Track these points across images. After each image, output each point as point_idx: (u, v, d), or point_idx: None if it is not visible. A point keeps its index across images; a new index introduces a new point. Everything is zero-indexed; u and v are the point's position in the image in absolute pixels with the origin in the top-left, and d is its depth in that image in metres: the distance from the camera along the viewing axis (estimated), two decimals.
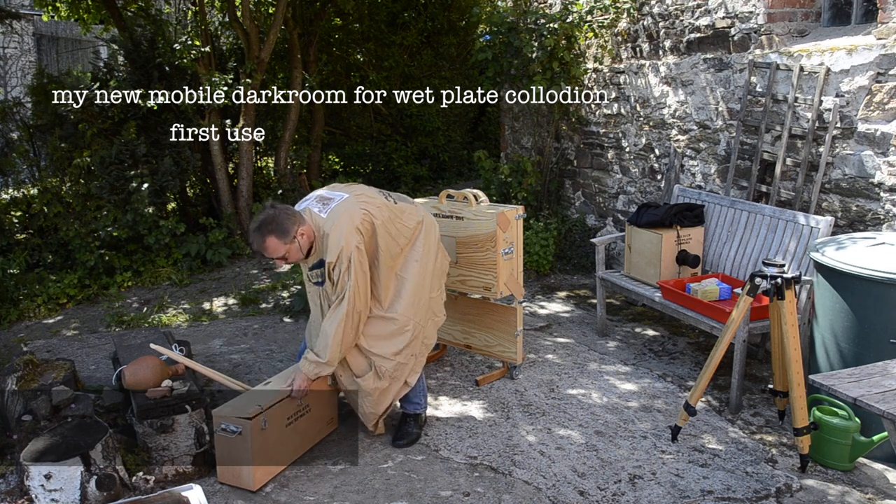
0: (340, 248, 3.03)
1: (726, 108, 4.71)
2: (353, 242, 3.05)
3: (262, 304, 5.74)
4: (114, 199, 6.50)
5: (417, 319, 3.33)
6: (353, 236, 3.06)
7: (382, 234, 3.19)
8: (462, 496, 2.99)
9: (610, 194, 6.10)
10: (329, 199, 3.21)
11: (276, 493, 3.04)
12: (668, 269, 4.33)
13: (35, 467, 2.72)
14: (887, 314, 2.99)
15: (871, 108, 3.70)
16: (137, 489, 2.99)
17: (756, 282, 3.07)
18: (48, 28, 14.61)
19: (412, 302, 3.31)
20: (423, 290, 3.36)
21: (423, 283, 3.36)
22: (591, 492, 3.00)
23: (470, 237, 3.85)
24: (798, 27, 4.38)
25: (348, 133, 10.38)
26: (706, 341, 4.58)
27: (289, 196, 7.61)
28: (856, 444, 3.06)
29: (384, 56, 9.93)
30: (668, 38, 5.16)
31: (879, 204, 3.72)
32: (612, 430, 3.50)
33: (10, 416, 3.35)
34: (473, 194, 3.91)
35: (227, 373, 4.08)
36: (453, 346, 4.31)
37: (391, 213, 3.26)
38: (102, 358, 4.63)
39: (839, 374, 2.46)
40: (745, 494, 2.95)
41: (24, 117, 7.35)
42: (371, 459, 3.28)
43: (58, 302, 5.87)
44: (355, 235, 3.07)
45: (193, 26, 7.53)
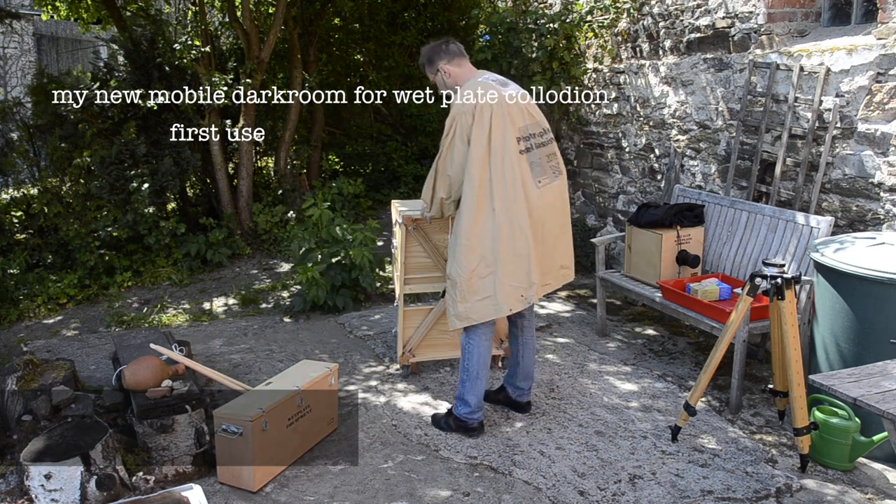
0: (453, 113, 3.19)
1: (726, 108, 4.71)
2: (464, 112, 3.16)
3: (262, 304, 5.74)
4: (114, 199, 6.50)
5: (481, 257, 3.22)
6: (467, 109, 3.16)
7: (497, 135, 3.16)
8: (462, 496, 2.99)
9: (610, 194, 6.10)
10: (506, 83, 3.31)
11: (276, 493, 3.04)
12: (668, 269, 4.33)
13: (35, 467, 2.72)
14: (887, 314, 2.99)
15: (871, 108, 3.70)
16: (137, 489, 2.99)
17: (756, 282, 3.07)
18: (48, 28, 14.60)
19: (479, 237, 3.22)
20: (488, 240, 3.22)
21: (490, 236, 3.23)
22: (591, 492, 3.00)
23: None
24: (798, 27, 4.38)
25: (348, 133, 10.38)
26: (706, 341, 4.58)
27: (289, 196, 7.61)
28: (856, 444, 3.06)
29: (384, 56, 9.93)
30: (668, 38, 5.16)
31: (879, 204, 3.72)
32: (612, 430, 3.50)
33: (10, 416, 3.35)
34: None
35: (227, 373, 4.08)
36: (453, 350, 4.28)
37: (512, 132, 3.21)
38: (102, 358, 4.63)
39: (839, 374, 2.46)
40: (745, 494, 2.95)
41: (24, 117, 7.35)
42: (371, 459, 3.28)
43: (58, 302, 5.87)
44: (468, 112, 3.15)
45: (193, 26, 7.53)
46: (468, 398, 3.40)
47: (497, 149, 3.15)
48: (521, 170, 3.18)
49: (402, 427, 3.58)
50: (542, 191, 3.25)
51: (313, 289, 5.26)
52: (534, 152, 3.25)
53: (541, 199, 3.24)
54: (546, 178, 3.28)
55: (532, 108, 3.35)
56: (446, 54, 3.38)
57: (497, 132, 3.15)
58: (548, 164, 3.31)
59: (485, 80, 3.29)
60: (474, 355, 3.36)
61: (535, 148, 3.27)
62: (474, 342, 3.35)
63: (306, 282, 5.26)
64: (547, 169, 3.30)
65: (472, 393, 3.39)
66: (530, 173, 3.22)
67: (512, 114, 3.20)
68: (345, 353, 4.59)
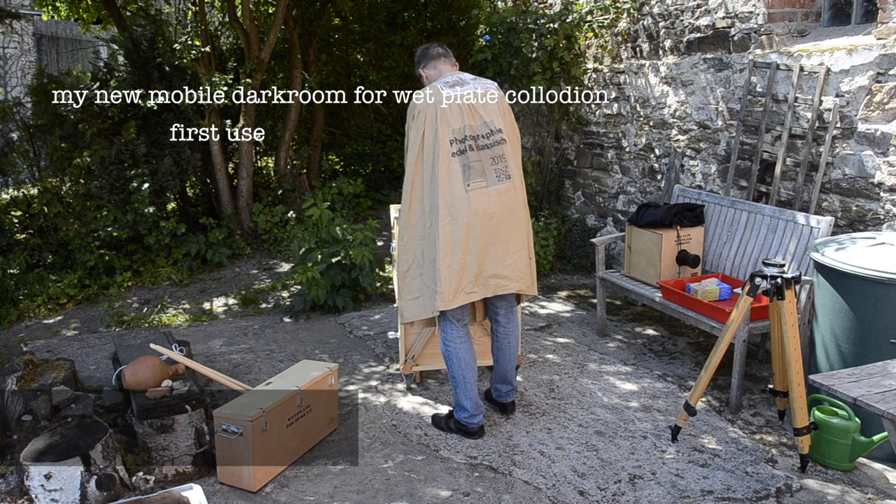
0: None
1: (726, 108, 4.71)
2: (409, 116, 3.27)
3: (262, 304, 5.74)
4: (114, 199, 6.50)
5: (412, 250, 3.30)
6: (409, 113, 3.27)
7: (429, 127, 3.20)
8: (462, 496, 2.99)
9: (610, 194, 6.10)
10: (462, 83, 3.30)
11: (276, 493, 3.04)
12: (668, 269, 4.33)
13: (35, 467, 2.72)
14: (887, 314, 2.99)
15: (871, 108, 3.70)
16: (137, 489, 2.99)
17: (756, 282, 3.07)
18: (48, 28, 14.61)
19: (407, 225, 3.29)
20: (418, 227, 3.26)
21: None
22: (591, 492, 3.00)
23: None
24: (798, 27, 4.38)
25: (348, 133, 10.38)
26: (706, 341, 4.58)
27: (289, 196, 7.61)
28: (856, 444, 3.06)
29: (384, 56, 9.92)
30: (668, 38, 5.16)
31: (879, 204, 3.72)
32: (612, 430, 3.50)
33: (10, 416, 3.35)
34: None
35: (227, 373, 4.09)
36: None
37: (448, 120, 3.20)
38: (102, 358, 4.63)
39: (839, 374, 2.46)
40: (745, 494, 2.95)
41: (24, 117, 7.35)
42: (371, 459, 3.28)
43: (58, 302, 5.87)
44: (409, 116, 3.26)
45: (193, 26, 7.53)
46: (463, 402, 3.40)
47: (427, 151, 3.15)
48: (449, 172, 3.12)
49: (402, 427, 3.58)
50: (471, 194, 3.13)
51: (313, 289, 5.26)
52: (469, 154, 3.15)
53: (469, 204, 3.12)
54: (481, 182, 3.14)
55: (485, 108, 3.23)
56: (425, 59, 3.45)
57: (429, 134, 3.15)
58: (491, 167, 3.17)
59: (441, 82, 3.27)
60: (453, 360, 3.36)
61: (476, 150, 3.17)
62: (451, 347, 3.35)
63: (306, 282, 5.26)
64: (488, 172, 3.17)
65: (465, 397, 3.38)
66: (461, 176, 3.12)
67: (447, 115, 3.16)
68: (345, 353, 4.59)
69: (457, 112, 3.18)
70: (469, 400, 3.38)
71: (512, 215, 3.23)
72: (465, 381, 3.36)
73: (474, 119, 3.21)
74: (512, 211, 3.23)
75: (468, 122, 3.19)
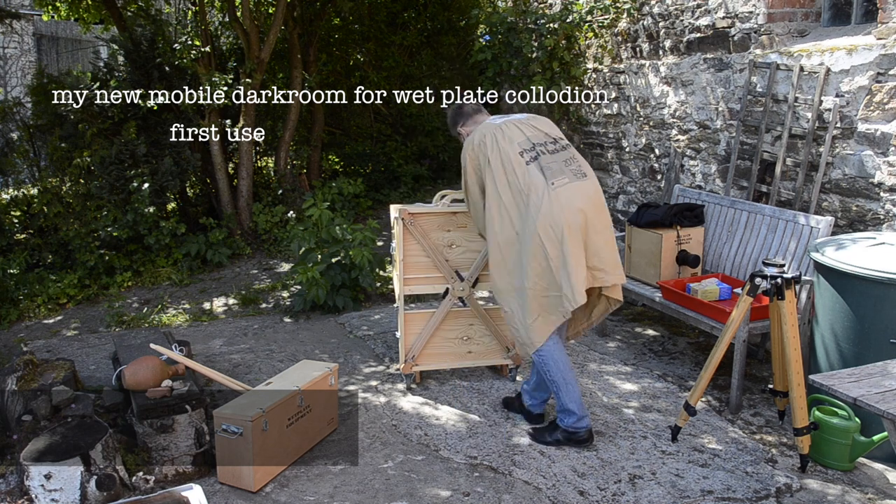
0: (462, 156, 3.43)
1: (726, 108, 4.71)
2: (465, 155, 3.39)
3: (262, 304, 5.74)
4: (114, 199, 6.51)
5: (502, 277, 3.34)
6: (466, 149, 3.39)
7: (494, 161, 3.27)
8: (462, 496, 2.99)
9: (610, 194, 6.10)
10: (507, 115, 3.46)
11: (276, 493, 3.04)
12: (668, 269, 4.33)
13: (35, 467, 2.72)
14: (887, 314, 2.99)
15: (871, 108, 3.70)
16: (137, 489, 3.00)
17: (756, 282, 3.07)
18: (48, 28, 14.60)
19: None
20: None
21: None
22: (591, 492, 3.00)
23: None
24: (798, 27, 4.38)
25: (348, 133, 10.38)
26: (706, 341, 4.58)
27: (289, 196, 7.62)
28: (856, 444, 3.06)
29: (384, 56, 9.93)
30: (668, 38, 5.16)
31: (879, 204, 3.72)
32: (612, 430, 3.50)
33: (10, 416, 3.35)
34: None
35: (227, 373, 4.09)
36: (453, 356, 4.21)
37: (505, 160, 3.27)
38: (102, 358, 4.63)
39: (839, 374, 2.46)
40: (745, 494, 2.95)
41: (24, 117, 7.36)
42: (371, 459, 3.28)
43: (58, 302, 5.88)
44: (468, 151, 3.37)
45: (193, 26, 7.53)
46: (569, 406, 3.29)
47: (498, 173, 3.23)
48: (529, 178, 3.18)
49: (402, 427, 3.58)
50: (558, 191, 3.16)
51: (313, 289, 5.26)
52: (541, 158, 3.23)
53: (559, 201, 3.14)
54: (563, 179, 3.20)
55: (538, 121, 3.40)
56: (461, 117, 3.58)
57: (495, 159, 3.24)
58: (566, 168, 3.25)
59: (486, 122, 3.40)
60: (550, 363, 3.28)
61: (548, 154, 3.26)
62: (546, 353, 3.27)
63: (306, 282, 5.26)
64: (566, 171, 3.23)
65: (570, 399, 3.29)
66: (542, 178, 3.18)
67: (508, 134, 3.27)
68: (345, 353, 4.59)
69: (514, 128, 3.30)
70: (574, 402, 3.28)
71: (599, 211, 3.26)
72: (566, 382, 3.27)
73: (533, 132, 3.32)
74: (597, 206, 3.26)
75: (528, 134, 3.29)
